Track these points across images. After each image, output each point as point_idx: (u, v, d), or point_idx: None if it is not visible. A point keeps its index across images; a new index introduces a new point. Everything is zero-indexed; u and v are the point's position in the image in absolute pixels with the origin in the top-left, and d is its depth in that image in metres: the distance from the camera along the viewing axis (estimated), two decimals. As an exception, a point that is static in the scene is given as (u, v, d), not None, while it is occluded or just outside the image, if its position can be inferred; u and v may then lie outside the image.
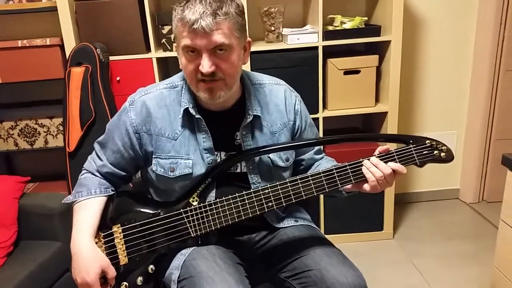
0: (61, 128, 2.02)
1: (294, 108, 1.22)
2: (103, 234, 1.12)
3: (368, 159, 1.07)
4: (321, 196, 2.15)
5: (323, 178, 1.07)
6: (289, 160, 1.22)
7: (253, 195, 1.09)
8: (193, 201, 1.13)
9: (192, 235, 1.11)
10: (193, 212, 1.11)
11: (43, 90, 2.14)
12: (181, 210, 1.11)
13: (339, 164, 1.09)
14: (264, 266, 1.21)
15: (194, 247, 1.13)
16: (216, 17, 0.97)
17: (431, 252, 2.12)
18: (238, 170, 1.18)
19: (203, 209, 1.11)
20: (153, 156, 1.15)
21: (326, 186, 1.07)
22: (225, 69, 1.03)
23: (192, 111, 1.11)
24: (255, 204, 1.09)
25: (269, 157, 1.18)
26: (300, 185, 1.08)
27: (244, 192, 1.09)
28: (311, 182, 1.07)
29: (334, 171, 1.08)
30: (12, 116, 2.03)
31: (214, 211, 1.10)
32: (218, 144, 1.15)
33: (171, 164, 1.14)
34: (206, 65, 1.00)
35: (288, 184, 1.08)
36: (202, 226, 1.11)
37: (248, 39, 1.10)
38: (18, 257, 1.57)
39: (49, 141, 2.05)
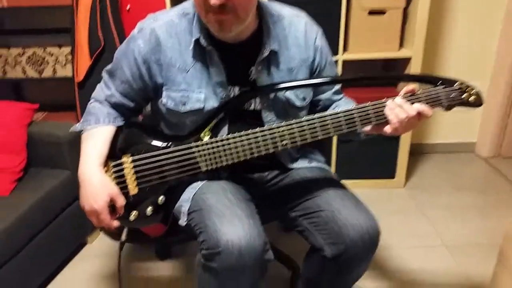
0: (69, 57, 1.95)
1: (314, 44, 1.14)
2: (112, 164, 1.10)
3: (392, 100, 1.00)
4: (334, 139, 2.10)
5: (342, 118, 1.02)
6: (305, 100, 1.15)
7: (267, 132, 1.04)
8: (204, 136, 1.09)
9: (203, 169, 1.08)
10: (204, 147, 1.07)
11: (51, 18, 2.05)
12: (192, 144, 1.08)
13: (360, 104, 1.03)
14: (274, 204, 1.19)
15: (204, 181, 1.10)
16: None
17: (442, 204, 2.10)
18: (252, 107, 1.12)
19: (214, 144, 1.07)
20: (163, 89, 1.09)
21: (344, 127, 1.02)
22: (236, 1, 0.93)
23: (203, 42, 1.04)
24: (269, 141, 1.04)
25: (285, 95, 1.12)
26: (317, 124, 1.02)
27: (258, 129, 1.05)
28: (329, 121, 1.02)
29: (355, 110, 1.02)
30: (20, 42, 1.97)
31: (226, 146, 1.06)
32: (231, 79, 1.08)
33: (182, 98, 1.08)
34: None
35: (305, 123, 1.03)
36: (213, 161, 1.07)
37: None
38: (27, 183, 1.57)
39: (57, 70, 1.99)
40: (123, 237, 1.12)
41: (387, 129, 1.01)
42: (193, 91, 1.08)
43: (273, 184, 1.21)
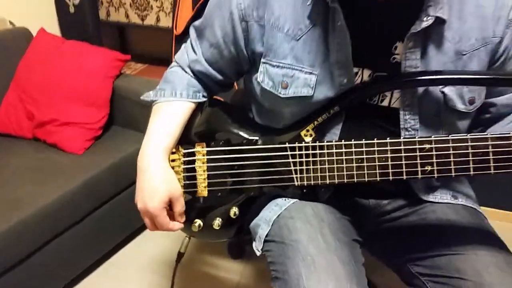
0: (174, 5, 1.73)
1: (509, 15, 0.72)
2: (184, 151, 0.84)
3: None
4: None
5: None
6: (474, 103, 0.75)
7: (402, 147, 0.69)
8: (306, 136, 0.77)
9: (296, 183, 0.76)
10: (303, 152, 0.75)
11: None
12: (287, 145, 0.76)
13: None
14: (388, 247, 0.84)
15: (295, 200, 0.79)
16: None
17: None
18: (385, 103, 0.76)
19: (318, 150, 0.74)
20: (262, 61, 0.78)
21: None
22: None
23: None
24: (403, 162, 0.69)
25: (442, 91, 0.73)
26: (490, 148, 0.63)
27: (388, 140, 0.70)
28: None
29: None
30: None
31: (334, 157, 0.73)
32: (361, 57, 0.72)
33: (284, 77, 0.76)
34: None
35: (469, 144, 0.65)
36: (311, 175, 0.75)
37: None
38: (104, 144, 1.41)
39: (161, 18, 1.80)
40: (182, 247, 0.87)
41: None
42: (302, 69, 0.75)
43: (394, 218, 0.84)
